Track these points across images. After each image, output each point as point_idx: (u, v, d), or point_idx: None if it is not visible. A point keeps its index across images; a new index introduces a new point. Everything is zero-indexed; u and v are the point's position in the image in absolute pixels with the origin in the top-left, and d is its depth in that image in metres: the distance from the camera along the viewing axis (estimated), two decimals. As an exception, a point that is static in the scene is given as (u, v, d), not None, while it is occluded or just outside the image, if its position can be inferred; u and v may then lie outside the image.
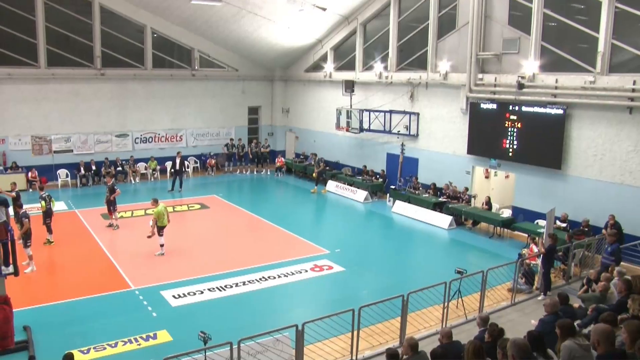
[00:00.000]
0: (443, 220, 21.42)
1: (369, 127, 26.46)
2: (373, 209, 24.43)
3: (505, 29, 20.76)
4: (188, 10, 28.13)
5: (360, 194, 25.55)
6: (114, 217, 20.82)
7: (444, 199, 22.35)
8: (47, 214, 18.66)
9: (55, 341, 11.98)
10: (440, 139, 23.64)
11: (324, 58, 30.45)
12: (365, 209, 24.53)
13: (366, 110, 26.66)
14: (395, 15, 25.58)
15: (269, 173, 31.93)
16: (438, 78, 23.36)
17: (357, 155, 28.49)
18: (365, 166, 27.18)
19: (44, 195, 18.70)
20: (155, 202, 17.97)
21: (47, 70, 28.04)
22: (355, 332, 10.65)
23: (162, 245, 17.57)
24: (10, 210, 12.34)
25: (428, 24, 23.82)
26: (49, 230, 18.76)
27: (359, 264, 17.18)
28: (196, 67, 31.66)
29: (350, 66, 28.69)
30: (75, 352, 9.64)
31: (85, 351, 11.39)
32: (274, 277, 15.80)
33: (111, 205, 20.67)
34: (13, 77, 27.28)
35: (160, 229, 17.52)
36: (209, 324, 11.16)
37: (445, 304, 12.10)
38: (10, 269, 11.68)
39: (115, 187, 20.91)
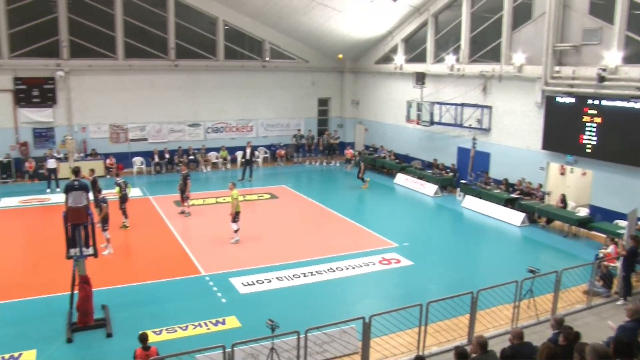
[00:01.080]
0: (515, 217, 20.80)
1: (440, 120, 26.03)
2: (442, 203, 24.03)
3: (585, 19, 19.85)
4: (259, 2, 28.49)
5: (430, 188, 25.18)
6: (186, 204, 21.38)
7: (517, 195, 21.69)
8: (123, 199, 19.46)
9: (130, 321, 12.49)
10: (514, 134, 22.94)
11: (394, 50, 30.13)
12: (435, 203, 24.16)
13: (437, 103, 26.23)
14: (468, 6, 24.96)
15: (337, 164, 31.96)
16: (512, 70, 22.64)
17: (427, 149, 28.07)
18: (435, 160, 26.75)
19: (119, 182, 19.57)
20: (233, 185, 18.46)
21: (125, 61, 29.15)
22: (422, 328, 10.51)
23: (236, 231, 17.87)
24: (90, 195, 12.82)
25: (502, 14, 23.10)
26: (125, 215, 19.52)
27: (428, 259, 16.96)
28: (267, 59, 31.99)
29: (421, 58, 28.26)
30: (148, 333, 9.95)
31: (158, 332, 11.81)
32: (342, 269, 15.82)
33: (184, 193, 21.26)
34: (93, 69, 28.54)
35: (236, 215, 17.83)
36: (276, 313, 11.24)
37: (516, 303, 11.74)
38: (90, 250, 12.22)
39: (189, 176, 21.46)
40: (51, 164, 25.64)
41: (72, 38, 28.20)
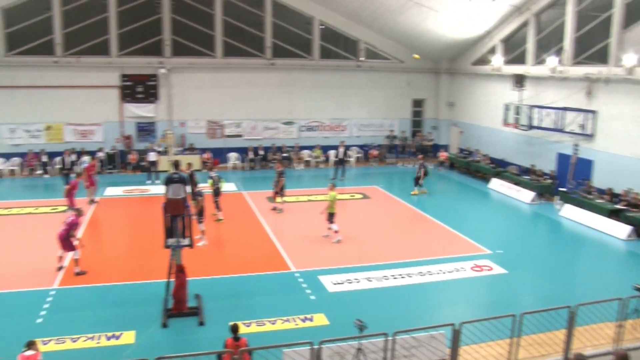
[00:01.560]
0: (620, 229, 19.52)
1: (539, 124, 24.98)
2: (540, 211, 23.02)
3: None
4: (355, 1, 28.53)
5: (526, 194, 24.20)
6: (279, 201, 21.75)
7: (622, 206, 20.38)
8: (216, 192, 20.08)
9: (222, 311, 12.85)
10: (621, 140, 21.59)
11: (492, 50, 29.23)
12: (531, 210, 23.20)
13: (536, 106, 25.17)
14: (574, 4, 23.73)
15: (431, 167, 31.38)
16: (621, 73, 21.29)
17: (524, 154, 27.02)
18: (533, 165, 25.69)
19: (212, 175, 20.31)
20: (333, 187, 18.52)
21: (223, 60, 30.17)
22: (515, 339, 10.10)
23: (336, 232, 17.93)
24: (188, 188, 13.29)
25: (612, 12, 21.81)
26: (218, 208, 20.12)
27: (522, 268, 16.26)
28: (362, 59, 31.97)
29: (520, 59, 27.23)
30: (239, 324, 10.17)
31: (248, 324, 12.04)
32: (432, 273, 15.51)
33: (278, 189, 21.63)
34: (193, 66, 29.76)
35: (331, 216, 17.93)
36: (364, 313, 11.17)
37: (620, 322, 11.01)
38: (187, 241, 12.67)
39: (283, 173, 21.80)
40: (152, 156, 26.94)
41: (175, 37, 29.56)
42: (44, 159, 28.23)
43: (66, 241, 14.97)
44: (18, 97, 28.24)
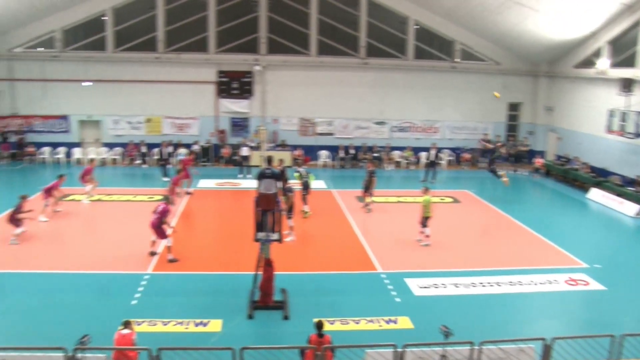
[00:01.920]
0: None
1: (649, 132, 23.39)
2: (644, 225, 21.62)
3: None
4: (452, 1, 27.92)
5: (630, 207, 22.71)
6: (368, 200, 21.66)
7: None
8: (304, 187, 20.28)
9: (306, 307, 12.95)
10: None
11: (597, 53, 27.67)
12: (636, 224, 21.74)
13: (646, 113, 23.61)
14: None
15: (525, 173, 30.23)
16: None
17: (629, 163, 25.38)
18: (639, 176, 24.13)
19: (300, 170, 20.65)
20: (426, 190, 18.15)
21: (317, 58, 30.45)
22: (612, 361, 9.50)
23: (428, 236, 17.63)
24: (279, 183, 13.48)
25: None
26: (305, 202, 20.32)
27: (624, 286, 15.16)
28: (457, 60, 31.27)
29: (629, 62, 25.55)
30: (323, 321, 10.17)
31: (332, 322, 12.01)
32: (523, 284, 14.86)
33: (368, 189, 21.55)
34: (287, 64, 30.23)
35: (426, 220, 17.61)
36: (450, 319, 10.91)
37: None
38: (276, 236, 12.82)
39: (374, 173, 21.69)
40: (244, 151, 27.62)
41: (270, 35, 30.18)
42: (143, 149, 29.66)
43: (159, 229, 15.59)
44: (122, 90, 29.93)
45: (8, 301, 13.21)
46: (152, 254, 15.90)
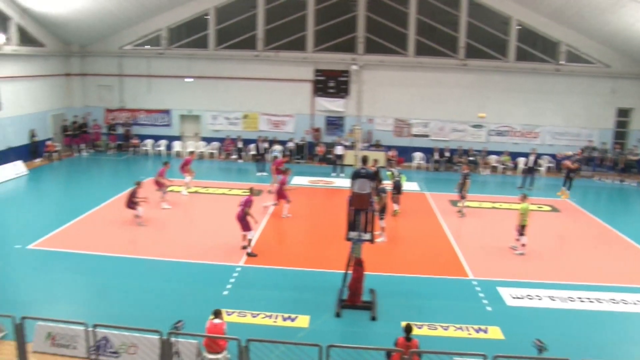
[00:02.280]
0: None
1: None
2: None
3: None
4: (559, 0, 26.65)
5: None
6: (461, 204, 21.18)
7: None
8: (396, 187, 20.10)
9: (394, 309, 12.87)
10: None
11: None
12: None
13: None
14: None
15: (635, 184, 28.32)
16: None
17: None
18: None
19: (392, 170, 20.72)
20: (524, 197, 17.48)
21: (414, 58, 30.10)
22: None
23: (524, 245, 16.96)
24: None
25: None
26: (396, 203, 20.19)
27: None
28: (561, 62, 29.86)
29: None
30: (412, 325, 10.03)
31: (420, 326, 11.86)
32: (627, 302, 13.89)
33: (462, 192, 21.09)
34: (384, 64, 30.11)
35: (523, 228, 16.94)
36: (544, 333, 10.47)
37: None
38: (368, 236, 12.78)
39: (469, 175, 21.19)
40: (339, 150, 27.75)
41: (368, 35, 30.09)
42: (240, 145, 30.48)
43: (243, 221, 15.92)
44: (221, 87, 30.97)
45: (110, 282, 14.04)
46: (245, 248, 16.26)
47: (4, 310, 10.05)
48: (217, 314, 10.18)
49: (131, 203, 18.32)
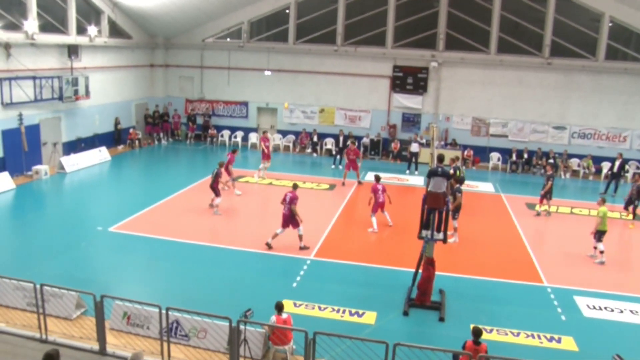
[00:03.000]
0: None
1: None
2: None
3: None
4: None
5: None
6: (542, 208, 20.50)
7: None
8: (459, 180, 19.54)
9: (464, 311, 12.65)
10: None
11: None
12: None
13: None
14: None
15: None
16: None
17: None
18: None
19: (457, 165, 20.11)
20: (603, 201, 16.81)
21: (496, 56, 29.29)
22: None
23: (602, 252, 16.19)
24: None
25: None
26: None
27: None
28: (657, 62, 28.20)
29: None
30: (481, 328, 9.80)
31: (489, 330, 11.60)
32: None
33: (547, 194, 20.42)
34: (465, 62, 29.47)
35: (601, 234, 16.19)
36: (623, 349, 9.98)
37: None
38: (441, 235, 12.64)
39: (552, 177, 20.50)
40: (414, 147, 27.47)
41: (449, 31, 29.55)
42: (315, 138, 30.68)
43: (292, 219, 15.83)
44: (299, 80, 31.30)
45: (184, 268, 14.51)
46: (302, 248, 16.03)
47: (86, 288, 10.61)
48: (281, 308, 10.23)
49: (215, 184, 18.76)
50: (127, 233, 16.84)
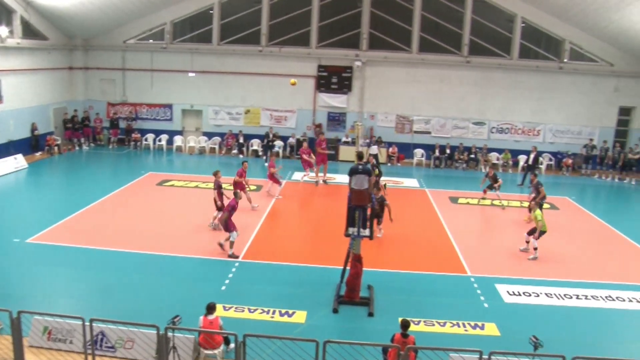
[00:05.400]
0: None
1: None
2: None
3: None
4: (565, -2, 26.67)
5: None
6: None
7: None
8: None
9: (392, 305, 12.95)
10: None
11: None
12: None
13: None
14: None
15: (633, 182, 28.36)
16: None
17: None
18: None
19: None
20: (536, 205, 17.56)
21: (418, 55, 30.15)
22: None
23: (535, 249, 16.80)
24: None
25: None
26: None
27: None
28: (565, 60, 29.84)
29: None
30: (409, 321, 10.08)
31: (417, 322, 11.91)
32: (623, 300, 13.97)
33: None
34: (388, 60, 30.18)
35: (541, 234, 16.69)
36: (541, 330, 10.52)
37: None
38: (367, 232, 12.86)
39: (540, 186, 20.45)
40: (373, 150, 27.48)
41: (372, 31, 30.14)
42: (241, 140, 30.54)
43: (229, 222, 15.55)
44: (224, 82, 31.07)
45: (108, 277, 14.08)
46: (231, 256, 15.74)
47: (1, 305, 10.01)
48: (211, 309, 10.19)
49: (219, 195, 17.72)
50: (46, 244, 16.12)
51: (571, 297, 13.96)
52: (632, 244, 18.67)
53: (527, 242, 17.10)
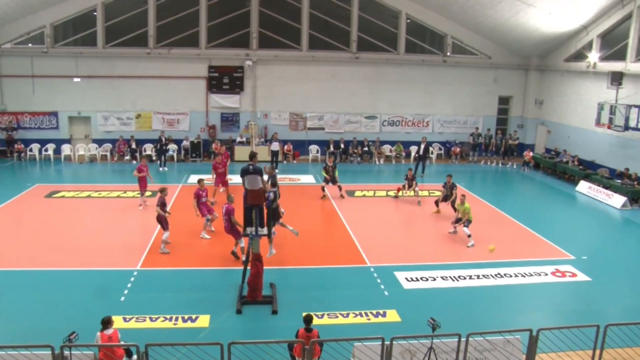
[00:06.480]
0: None
1: (637, 125, 23.45)
2: (632, 217, 21.71)
3: None
4: (445, -5, 28.01)
5: (618, 199, 22.93)
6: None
7: None
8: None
9: (295, 301, 13.04)
10: None
11: (588, 46, 27.74)
12: (622, 216, 21.96)
13: (635, 106, 23.62)
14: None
15: (514, 166, 30.39)
16: None
17: (617, 156, 25.58)
18: (627, 169, 24.25)
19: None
20: (464, 197, 18.17)
21: (308, 53, 30.49)
22: (597, 352, 9.59)
23: (469, 236, 17.42)
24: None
25: None
26: None
27: (609, 277, 15.35)
28: (448, 54, 31.32)
29: (619, 56, 25.66)
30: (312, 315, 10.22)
31: (320, 316, 12.12)
32: (510, 276, 15.01)
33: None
34: (279, 59, 30.27)
35: (468, 223, 17.46)
36: (438, 312, 11.00)
37: None
38: (265, 231, 12.88)
39: (454, 188, 20.58)
40: (274, 146, 27.84)
41: (262, 30, 30.15)
42: (133, 145, 29.56)
43: (233, 231, 15.28)
44: (112, 86, 29.82)
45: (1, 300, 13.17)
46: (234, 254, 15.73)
47: None
48: (106, 323, 9.76)
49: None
50: None
51: (465, 278, 14.75)
52: (517, 223, 20.01)
53: (455, 227, 18.07)
